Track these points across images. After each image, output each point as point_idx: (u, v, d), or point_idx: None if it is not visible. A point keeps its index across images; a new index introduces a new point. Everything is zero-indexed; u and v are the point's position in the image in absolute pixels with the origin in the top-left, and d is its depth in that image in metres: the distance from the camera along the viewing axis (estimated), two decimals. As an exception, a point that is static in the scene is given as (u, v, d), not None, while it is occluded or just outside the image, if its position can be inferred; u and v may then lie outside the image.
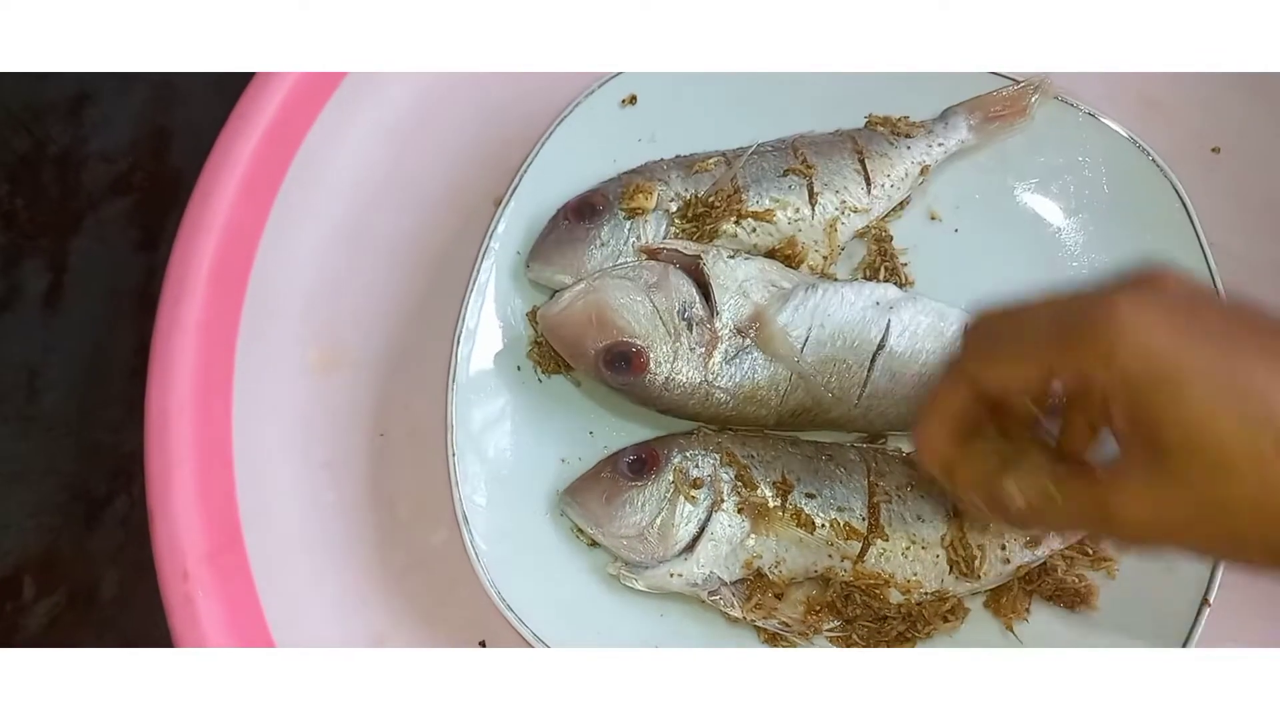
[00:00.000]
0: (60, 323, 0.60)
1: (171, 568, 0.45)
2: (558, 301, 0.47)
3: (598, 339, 0.46)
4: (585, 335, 0.46)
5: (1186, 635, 0.44)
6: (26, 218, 0.63)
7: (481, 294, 0.50)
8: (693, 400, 0.47)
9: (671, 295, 0.47)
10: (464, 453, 0.47)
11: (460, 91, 0.57)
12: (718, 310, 0.47)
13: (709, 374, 0.47)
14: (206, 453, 0.48)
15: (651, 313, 0.47)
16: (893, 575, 0.45)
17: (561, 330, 0.47)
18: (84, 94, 0.66)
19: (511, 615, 0.45)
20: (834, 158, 0.51)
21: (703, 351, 0.47)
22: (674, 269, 0.48)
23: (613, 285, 0.47)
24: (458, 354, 0.49)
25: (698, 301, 0.47)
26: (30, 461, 0.57)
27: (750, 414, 0.48)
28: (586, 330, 0.46)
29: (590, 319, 0.46)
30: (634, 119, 0.54)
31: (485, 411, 0.49)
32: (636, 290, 0.47)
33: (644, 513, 0.45)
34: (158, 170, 0.64)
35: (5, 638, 0.54)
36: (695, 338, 0.47)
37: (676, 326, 0.47)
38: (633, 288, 0.47)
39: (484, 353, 0.50)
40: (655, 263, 0.48)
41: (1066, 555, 0.47)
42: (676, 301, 0.47)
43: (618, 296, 0.46)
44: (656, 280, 0.47)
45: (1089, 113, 0.53)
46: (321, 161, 0.54)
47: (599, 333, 0.46)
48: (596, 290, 0.47)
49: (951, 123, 0.53)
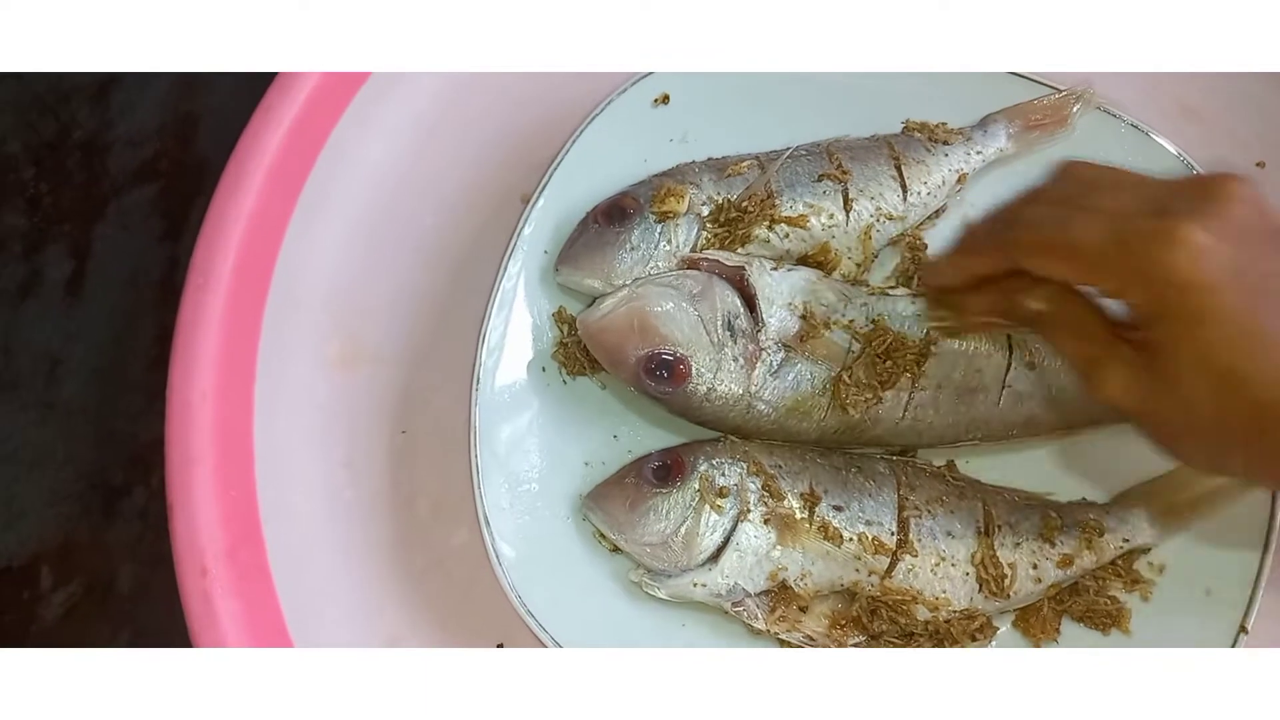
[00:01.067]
0: (82, 310, 0.60)
1: (190, 563, 0.45)
2: (599, 308, 0.46)
3: (639, 346, 0.45)
4: (627, 343, 0.45)
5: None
6: (50, 203, 0.63)
7: (508, 293, 0.50)
8: (734, 413, 0.46)
9: (716, 305, 0.46)
10: (487, 454, 0.47)
11: (488, 87, 0.56)
12: (763, 322, 0.46)
13: (752, 386, 0.46)
14: (227, 447, 0.48)
15: (695, 322, 0.46)
16: (920, 592, 0.45)
17: (603, 336, 0.46)
18: (110, 78, 0.65)
19: (531, 620, 0.44)
20: (870, 164, 0.51)
21: (745, 364, 0.46)
22: (717, 279, 0.47)
23: (656, 293, 0.46)
24: (482, 353, 0.48)
25: (742, 313, 0.46)
26: (49, 448, 0.57)
27: (793, 428, 0.47)
28: (628, 338, 0.45)
29: (632, 326, 0.45)
30: (666, 119, 0.54)
31: (509, 412, 0.48)
32: (680, 298, 0.46)
33: (668, 520, 0.44)
34: (183, 157, 0.63)
35: (22, 627, 0.54)
36: (739, 349, 0.46)
37: (721, 337, 0.46)
38: (677, 295, 0.46)
39: (509, 353, 0.49)
40: (698, 272, 0.47)
41: (1099, 575, 0.46)
42: (721, 312, 0.46)
43: (661, 304, 0.46)
44: (701, 290, 0.46)
45: (1132, 124, 0.52)
46: (348, 155, 0.54)
47: (641, 340, 0.45)
48: (640, 298, 0.46)
49: (991, 130, 0.52)
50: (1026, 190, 0.40)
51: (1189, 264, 0.33)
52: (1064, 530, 0.46)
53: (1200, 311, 0.33)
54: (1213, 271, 0.33)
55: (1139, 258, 0.34)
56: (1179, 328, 0.34)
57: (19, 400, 0.58)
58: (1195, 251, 0.33)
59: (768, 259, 0.48)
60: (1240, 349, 0.33)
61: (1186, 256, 0.33)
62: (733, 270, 0.47)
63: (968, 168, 0.52)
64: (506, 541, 0.46)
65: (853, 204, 0.50)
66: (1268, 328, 0.33)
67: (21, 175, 0.63)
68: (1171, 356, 0.35)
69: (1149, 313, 0.35)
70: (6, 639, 0.53)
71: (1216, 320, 0.33)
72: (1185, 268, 0.33)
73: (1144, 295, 0.35)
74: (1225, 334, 0.33)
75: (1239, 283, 0.33)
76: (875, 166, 0.50)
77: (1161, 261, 0.33)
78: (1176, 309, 0.34)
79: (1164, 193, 0.36)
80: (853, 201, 0.50)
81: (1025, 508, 0.47)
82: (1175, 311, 0.34)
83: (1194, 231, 0.33)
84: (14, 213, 0.63)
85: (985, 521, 0.46)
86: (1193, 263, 0.33)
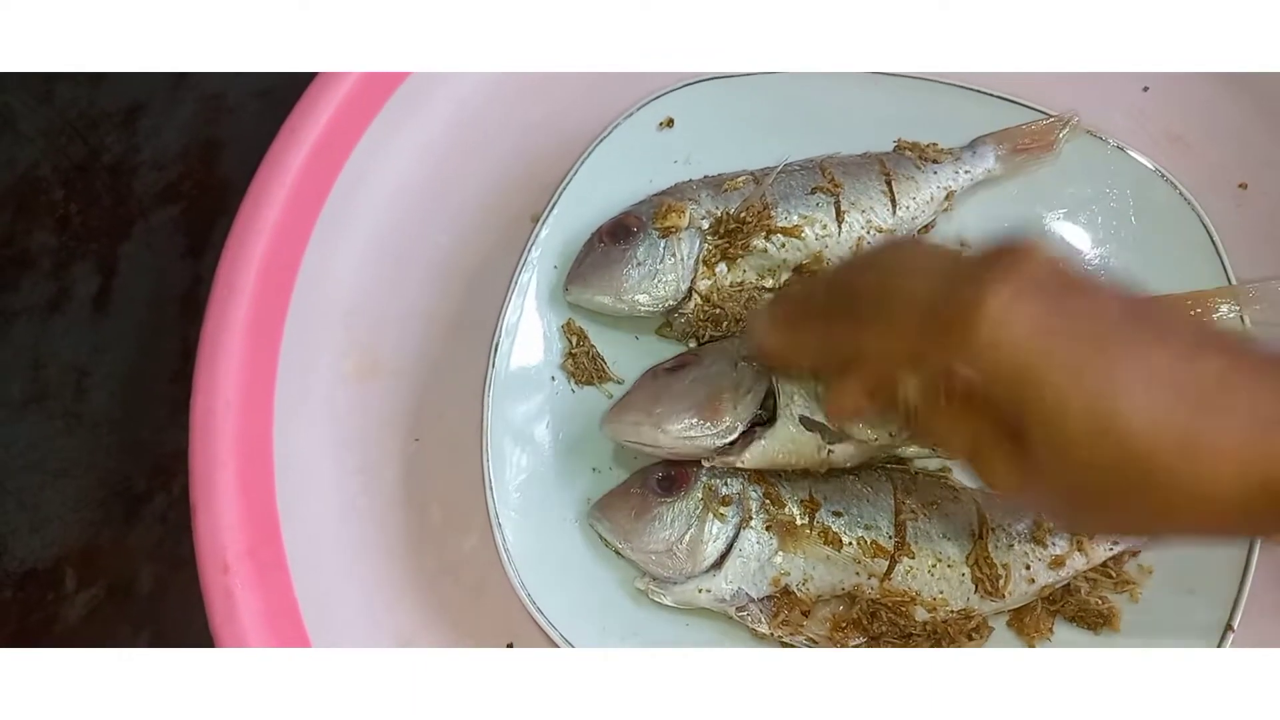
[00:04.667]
0: (108, 325, 0.62)
1: (212, 561, 0.46)
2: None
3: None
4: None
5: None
6: (79, 223, 0.65)
7: (519, 307, 0.51)
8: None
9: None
10: (498, 459, 0.48)
11: (499, 112, 0.59)
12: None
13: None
14: (248, 451, 0.49)
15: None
16: (919, 593, 0.46)
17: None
18: (138, 104, 0.68)
19: (542, 619, 0.45)
20: (861, 178, 0.53)
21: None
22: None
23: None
24: (494, 364, 0.50)
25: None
26: (75, 457, 0.59)
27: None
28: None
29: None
30: (671, 141, 0.56)
31: (519, 420, 0.50)
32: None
33: (673, 529, 0.45)
34: (207, 179, 0.65)
35: (45, 627, 0.55)
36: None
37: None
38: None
39: (519, 364, 0.51)
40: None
41: (1090, 577, 0.47)
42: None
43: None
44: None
45: (1117, 145, 0.54)
46: (367, 176, 0.56)
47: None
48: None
49: (979, 152, 0.55)
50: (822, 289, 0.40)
51: (997, 319, 0.32)
52: (1055, 533, 0.47)
53: (1027, 375, 0.32)
54: (1024, 330, 0.32)
55: (946, 324, 0.33)
56: (1018, 398, 0.32)
57: (47, 411, 0.60)
58: (1000, 312, 0.32)
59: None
60: (1085, 399, 0.31)
61: (993, 312, 0.32)
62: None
63: (956, 186, 0.54)
64: (517, 544, 0.47)
65: (845, 216, 0.52)
66: (1104, 372, 0.31)
67: (52, 196, 0.66)
68: (1029, 430, 0.33)
69: (991, 393, 0.33)
70: (31, 638, 0.54)
71: (1047, 378, 0.32)
72: (994, 324, 0.32)
73: (970, 365, 0.33)
74: (1063, 390, 0.31)
75: (1055, 336, 0.32)
76: (866, 181, 0.52)
77: (969, 326, 0.32)
78: (1006, 370, 0.32)
79: (956, 267, 0.35)
80: (845, 214, 0.52)
81: (1018, 510, 0.48)
82: (1005, 373, 0.32)
83: (994, 293, 0.32)
84: (44, 232, 0.65)
85: (979, 524, 0.47)
86: (1001, 316, 0.32)
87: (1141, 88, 0.59)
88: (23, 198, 0.66)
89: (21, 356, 0.61)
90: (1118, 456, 0.31)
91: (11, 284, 0.63)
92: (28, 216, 0.65)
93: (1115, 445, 0.31)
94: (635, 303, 0.50)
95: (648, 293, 0.50)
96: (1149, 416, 0.31)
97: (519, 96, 0.59)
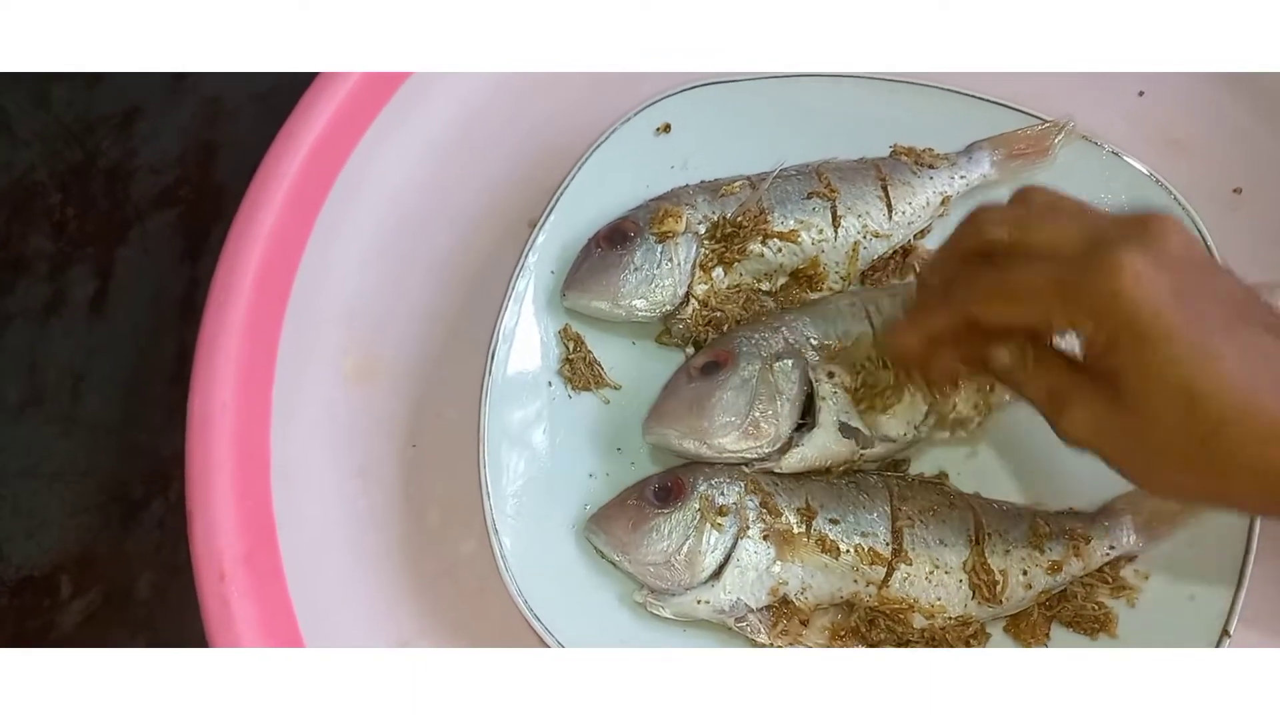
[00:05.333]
0: (105, 328, 0.62)
1: (208, 568, 0.46)
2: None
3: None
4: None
5: (1206, 666, 0.44)
6: (76, 227, 0.65)
7: (516, 312, 0.51)
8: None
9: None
10: (495, 464, 0.48)
11: (498, 116, 0.59)
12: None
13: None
14: (245, 456, 0.49)
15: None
16: (916, 600, 0.46)
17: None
18: (135, 108, 0.68)
19: (539, 625, 0.45)
20: (857, 183, 0.53)
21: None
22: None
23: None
24: (491, 369, 0.50)
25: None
26: (71, 462, 0.59)
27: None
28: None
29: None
30: (668, 146, 0.56)
31: (517, 425, 0.50)
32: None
33: (671, 540, 0.45)
34: (203, 184, 0.65)
35: (41, 634, 0.55)
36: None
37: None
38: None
39: (516, 368, 0.51)
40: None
41: (1086, 582, 0.47)
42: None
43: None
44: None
45: (1112, 151, 0.54)
46: (365, 179, 0.56)
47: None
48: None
49: (975, 157, 0.55)
50: (967, 222, 0.41)
51: (1132, 288, 0.35)
52: (1052, 538, 0.47)
53: (1147, 332, 0.35)
54: (1154, 293, 0.35)
55: (1083, 289, 0.36)
56: (1131, 352, 0.35)
57: (43, 415, 0.60)
58: (1136, 276, 0.35)
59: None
60: (1190, 366, 0.34)
61: (1129, 281, 0.35)
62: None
63: (951, 191, 0.54)
64: (514, 548, 0.47)
65: (841, 220, 0.52)
66: (1212, 345, 0.34)
67: (49, 201, 0.66)
68: (1128, 382, 0.36)
69: (1101, 343, 0.36)
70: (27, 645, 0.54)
71: (1164, 339, 0.34)
72: (1128, 292, 0.35)
73: (1093, 325, 0.36)
74: (1175, 352, 0.34)
75: (1180, 304, 0.35)
76: (862, 186, 0.53)
77: (1105, 289, 0.35)
78: (1125, 333, 0.35)
79: (1102, 225, 0.37)
80: (841, 218, 0.52)
81: (1014, 516, 0.48)
82: (1124, 336, 0.35)
83: (1134, 258, 0.35)
84: (41, 236, 0.65)
85: (975, 530, 0.47)
86: (1135, 287, 0.35)
87: (1137, 92, 0.59)
88: (19, 201, 0.66)
89: (17, 360, 0.61)
90: (1206, 426, 0.34)
91: (8, 287, 0.63)
92: (24, 220, 0.65)
93: (1206, 414, 0.34)
94: (632, 308, 0.50)
95: (645, 298, 0.50)
96: (1243, 395, 0.34)
97: (516, 101, 0.59)
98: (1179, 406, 0.35)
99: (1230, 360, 0.34)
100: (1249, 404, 0.34)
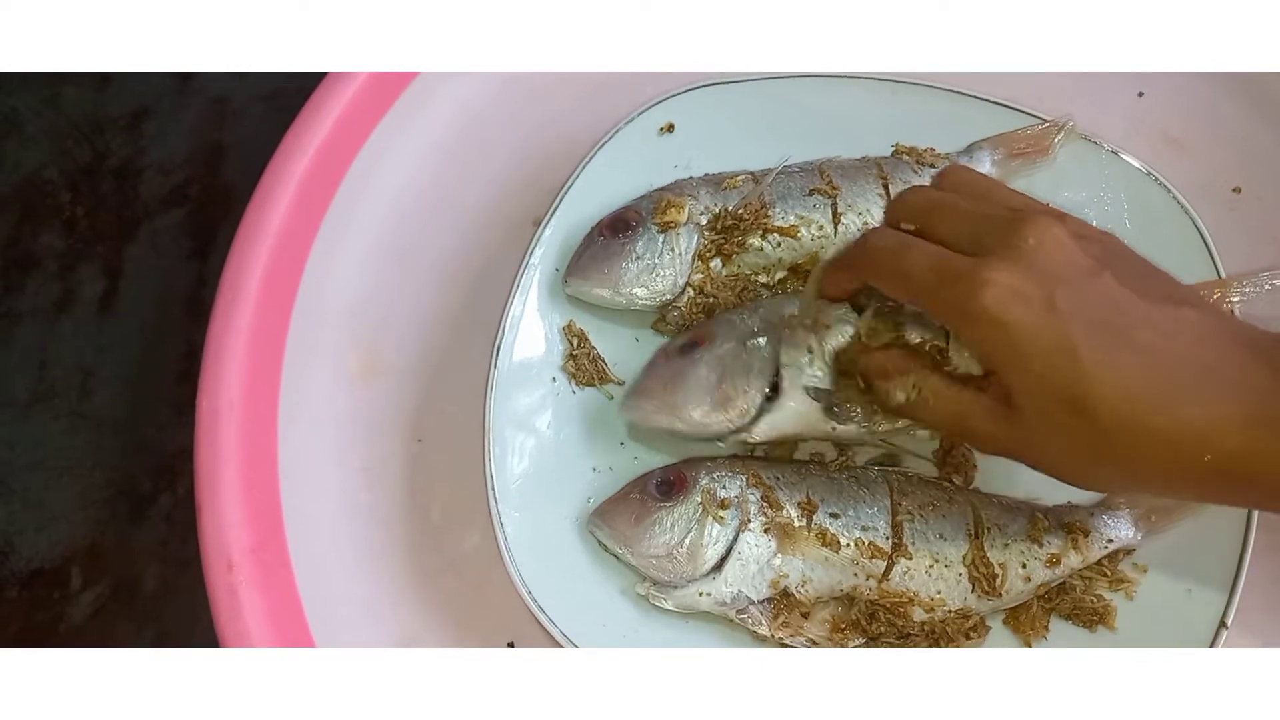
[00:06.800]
0: (114, 326, 0.62)
1: (217, 559, 0.47)
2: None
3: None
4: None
5: (1204, 659, 0.44)
6: (86, 225, 0.65)
7: (520, 309, 0.52)
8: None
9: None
10: (500, 459, 0.49)
11: (502, 116, 0.59)
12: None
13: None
14: (252, 452, 0.50)
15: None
16: (916, 593, 0.46)
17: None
18: (144, 108, 0.68)
19: (543, 617, 0.46)
20: (858, 181, 0.53)
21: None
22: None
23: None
24: (496, 365, 0.50)
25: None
26: (81, 457, 0.59)
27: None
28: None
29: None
30: (671, 146, 0.56)
31: (520, 421, 0.50)
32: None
33: (673, 533, 0.46)
34: (211, 183, 0.66)
35: (50, 626, 0.55)
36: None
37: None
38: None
39: (521, 365, 0.51)
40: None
41: (1085, 575, 0.48)
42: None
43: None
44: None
45: (1111, 150, 0.55)
46: (371, 179, 0.57)
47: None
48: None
49: (976, 156, 0.55)
50: (888, 208, 0.42)
51: (996, 305, 0.35)
52: (1051, 531, 0.47)
53: (1020, 347, 0.35)
54: (1023, 312, 0.35)
55: (955, 296, 0.36)
56: (1011, 369, 0.36)
57: (53, 410, 0.60)
58: (1000, 296, 0.35)
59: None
60: (1069, 375, 0.34)
61: (993, 297, 0.35)
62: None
63: (953, 190, 0.54)
64: (518, 543, 0.47)
65: (841, 218, 0.52)
66: (1091, 352, 0.34)
67: (59, 199, 0.66)
68: (1017, 397, 0.36)
69: (982, 353, 0.37)
70: (37, 637, 0.55)
71: (1041, 354, 0.35)
72: (993, 308, 0.35)
73: (968, 334, 0.37)
74: (1053, 363, 0.35)
75: (1052, 316, 0.35)
76: (863, 184, 0.53)
77: (972, 302, 0.35)
78: (1000, 351, 0.36)
79: (984, 230, 0.37)
80: (841, 215, 0.52)
81: (1013, 510, 0.48)
82: (1000, 354, 0.36)
83: (1001, 276, 0.35)
84: (51, 234, 0.65)
85: (975, 524, 0.47)
86: (1001, 307, 0.35)
87: (1136, 92, 0.59)
88: (29, 200, 0.66)
89: (28, 357, 0.62)
90: (1097, 430, 0.35)
91: (18, 285, 0.64)
92: (34, 219, 0.66)
93: (1096, 419, 0.35)
94: (633, 296, 0.51)
95: (645, 286, 0.51)
96: (1121, 395, 0.34)
97: (521, 101, 0.60)
98: (1068, 414, 0.35)
99: (1113, 367, 0.34)
100: (1133, 402, 0.34)
